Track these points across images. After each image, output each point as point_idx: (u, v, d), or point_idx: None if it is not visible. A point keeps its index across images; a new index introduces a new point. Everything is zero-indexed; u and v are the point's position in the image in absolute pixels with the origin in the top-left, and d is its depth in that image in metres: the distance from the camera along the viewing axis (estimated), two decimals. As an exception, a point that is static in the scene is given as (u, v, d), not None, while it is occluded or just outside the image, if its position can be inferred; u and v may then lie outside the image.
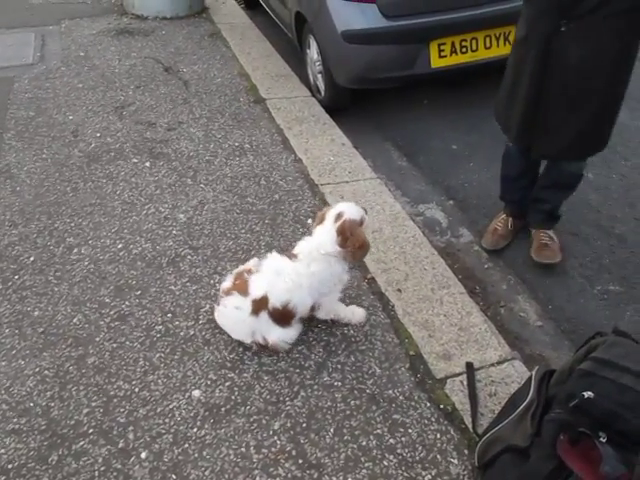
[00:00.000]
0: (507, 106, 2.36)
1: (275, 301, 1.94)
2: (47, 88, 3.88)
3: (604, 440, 1.33)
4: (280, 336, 2.00)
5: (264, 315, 1.96)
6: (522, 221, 2.74)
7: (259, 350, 2.04)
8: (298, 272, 1.96)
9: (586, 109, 2.17)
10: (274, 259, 2.03)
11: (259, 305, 1.95)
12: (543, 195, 2.57)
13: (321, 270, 1.97)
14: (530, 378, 1.67)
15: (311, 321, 2.16)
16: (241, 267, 2.11)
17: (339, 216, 1.97)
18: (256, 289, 1.96)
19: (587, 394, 1.35)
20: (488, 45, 3.44)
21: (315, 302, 2.03)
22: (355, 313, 2.15)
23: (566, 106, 2.17)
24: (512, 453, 1.51)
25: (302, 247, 2.02)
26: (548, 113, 2.21)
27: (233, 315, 2.00)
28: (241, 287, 1.98)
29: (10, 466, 1.71)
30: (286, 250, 2.12)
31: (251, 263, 2.10)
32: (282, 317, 1.97)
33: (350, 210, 1.99)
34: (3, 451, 1.75)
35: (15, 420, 1.84)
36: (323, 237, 1.97)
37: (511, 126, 2.37)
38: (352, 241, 1.94)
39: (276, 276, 1.97)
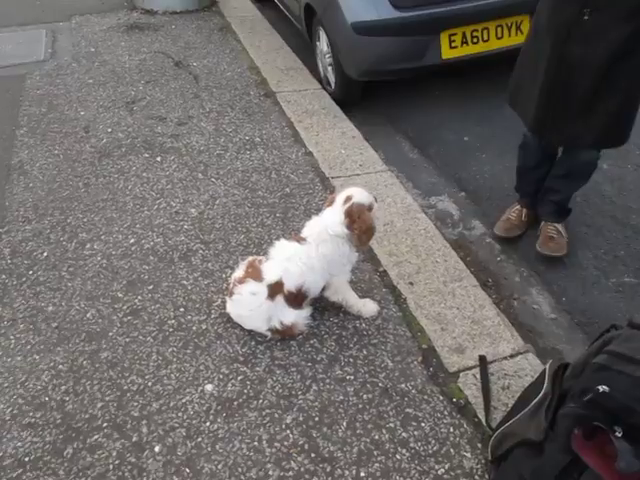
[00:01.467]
0: (522, 92, 2.34)
1: (290, 285, 1.98)
2: (58, 84, 3.90)
3: (620, 435, 1.31)
4: (297, 317, 2.03)
5: (280, 299, 1.99)
6: (536, 213, 2.71)
7: (274, 337, 2.06)
8: (309, 255, 2.00)
9: (605, 97, 2.13)
10: (283, 245, 2.06)
11: (275, 289, 1.98)
12: (555, 185, 2.53)
13: (331, 251, 2.00)
14: (544, 371, 1.65)
15: (323, 314, 2.16)
16: (250, 257, 2.13)
17: (348, 199, 2.00)
18: (271, 274, 1.99)
19: (602, 388, 1.33)
20: (500, 35, 3.39)
21: (326, 282, 2.07)
22: (366, 305, 2.16)
23: (585, 95, 2.14)
24: (526, 447, 1.50)
25: (310, 229, 2.06)
26: (567, 102, 2.18)
27: (249, 302, 2.01)
28: (255, 274, 2.01)
29: (27, 459, 1.73)
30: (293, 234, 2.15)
31: (259, 257, 2.11)
32: (296, 300, 2.02)
33: (359, 194, 2.02)
34: (20, 444, 1.77)
35: (31, 414, 1.86)
36: (331, 218, 2.01)
37: (527, 113, 2.34)
38: (359, 224, 1.96)
39: (288, 261, 2.00)
